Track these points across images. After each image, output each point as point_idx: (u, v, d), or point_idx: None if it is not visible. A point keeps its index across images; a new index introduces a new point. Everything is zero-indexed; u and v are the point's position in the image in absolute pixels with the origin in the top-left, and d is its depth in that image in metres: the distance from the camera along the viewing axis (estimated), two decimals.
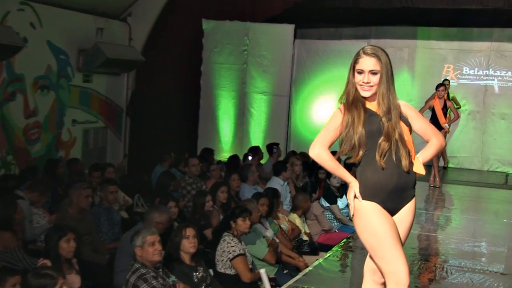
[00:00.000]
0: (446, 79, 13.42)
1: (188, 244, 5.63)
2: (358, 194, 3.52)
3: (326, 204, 9.20)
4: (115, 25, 12.08)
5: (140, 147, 12.45)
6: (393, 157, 3.47)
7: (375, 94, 3.53)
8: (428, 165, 11.61)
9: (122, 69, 12.14)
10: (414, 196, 3.64)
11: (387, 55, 3.53)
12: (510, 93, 13.65)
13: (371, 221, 3.49)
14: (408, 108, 3.65)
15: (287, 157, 11.18)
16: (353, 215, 3.58)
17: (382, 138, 3.46)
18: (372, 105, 3.56)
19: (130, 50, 12.00)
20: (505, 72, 13.65)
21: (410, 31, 14.10)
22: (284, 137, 13.50)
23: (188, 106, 13.30)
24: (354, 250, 6.86)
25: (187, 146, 12.78)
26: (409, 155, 3.52)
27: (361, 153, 3.49)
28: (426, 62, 14.08)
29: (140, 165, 11.66)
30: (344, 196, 9.28)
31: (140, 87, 12.77)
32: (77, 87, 11.26)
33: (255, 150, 11.47)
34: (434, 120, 10.90)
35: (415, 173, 3.57)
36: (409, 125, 3.58)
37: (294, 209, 8.58)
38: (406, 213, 3.60)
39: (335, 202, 9.27)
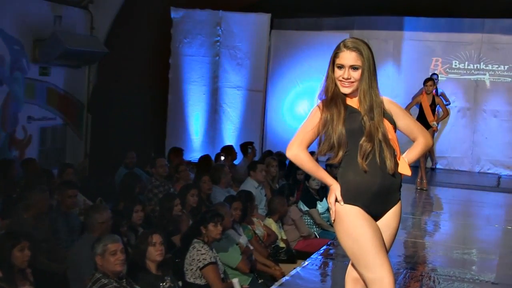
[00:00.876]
0: (434, 74, 13.52)
1: (155, 252, 5.60)
2: (339, 198, 3.54)
3: (305, 208, 9.22)
4: (75, 12, 11.97)
5: (102, 146, 12.36)
6: (377, 159, 3.49)
7: (356, 90, 3.56)
8: (414, 166, 11.74)
9: (83, 61, 12.04)
10: (399, 199, 3.67)
11: (369, 48, 3.56)
12: (502, 89, 13.78)
13: (353, 226, 3.52)
14: (392, 105, 3.68)
15: (263, 157, 11.19)
16: (334, 220, 3.60)
17: (363, 138, 3.49)
18: (353, 102, 3.59)
19: (92, 40, 11.90)
20: (497, 66, 13.78)
21: (396, 21, 14.18)
22: (259, 136, 13.50)
23: (156, 102, 13.24)
24: (335, 258, 6.88)
25: (154, 145, 12.72)
26: (394, 156, 3.56)
27: (341, 153, 3.52)
28: (413, 55, 14.18)
29: (102, 166, 11.57)
30: (324, 199, 9.31)
31: (102, 81, 12.67)
32: (33, 81, 11.14)
33: (228, 150, 11.45)
34: (422, 118, 10.98)
35: (401, 174, 3.60)
36: (393, 123, 3.61)
37: (270, 213, 8.58)
38: (391, 217, 3.63)
39: (315, 206, 9.30)
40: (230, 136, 13.39)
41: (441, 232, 8.75)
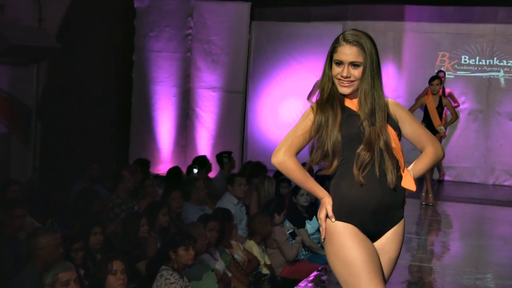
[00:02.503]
0: (440, 71, 13.58)
1: (115, 281, 5.57)
2: (330, 213, 3.54)
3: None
4: (21, 1, 11.91)
5: (54, 158, 12.28)
6: (376, 170, 3.50)
7: (356, 90, 3.58)
8: (419, 178, 11.74)
9: (30, 59, 11.97)
10: (402, 217, 3.68)
11: (373, 42, 3.59)
12: None
13: (345, 247, 3.51)
14: (399, 108, 3.71)
15: (243, 168, 11.17)
16: (324, 239, 3.60)
17: (361, 147, 3.51)
18: (352, 104, 3.61)
19: (41, 34, 11.84)
20: None
21: (396, 10, 14.26)
22: (239, 144, 13.50)
23: (117, 106, 13.19)
24: (327, 286, 6.86)
25: (115, 156, 12.66)
26: (397, 168, 3.57)
27: (335, 163, 3.53)
28: (416, 49, 14.25)
29: (54, 181, 11.48)
30: (314, 217, 9.28)
31: (54, 81, 12.59)
32: None
33: (201, 161, 11.42)
34: (427, 122, 11.04)
35: (404, 189, 3.62)
36: (398, 130, 3.64)
37: (251, 234, 8.55)
38: (391, 238, 3.63)
39: (303, 225, 9.28)
40: (204, 145, 13.38)
41: (451, 255, 8.77)
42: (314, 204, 9.52)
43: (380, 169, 3.50)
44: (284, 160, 3.56)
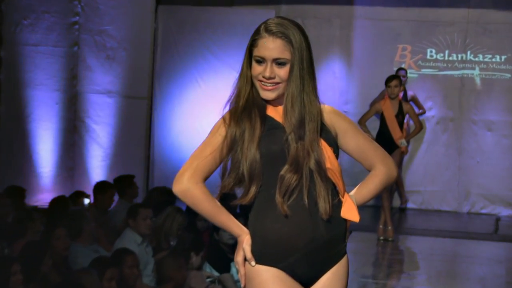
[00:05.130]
0: (401, 69, 13.76)
1: None
2: (249, 255, 3.55)
3: (215, 273, 9.25)
4: None
5: None
6: (305, 197, 3.50)
7: (282, 95, 3.58)
8: (375, 206, 11.89)
9: None
10: (344, 254, 3.68)
11: (303, 33, 3.59)
12: (498, 89, 14.14)
13: None
14: (338, 117, 3.72)
15: (149, 197, 11.17)
16: (244, 287, 3.62)
17: (286, 167, 3.50)
18: (276, 113, 3.63)
19: None
20: (490, 56, 14.13)
21: None
22: (143, 165, 13.47)
23: None
24: None
25: None
26: (333, 193, 3.58)
27: (253, 189, 3.53)
28: (370, 41, 14.40)
29: None
30: None
31: None
32: None
33: (95, 188, 11.39)
34: (385, 134, 11.17)
35: (345, 220, 3.63)
36: (334, 145, 3.64)
37: (160, 282, 8.58)
38: (330, 282, 3.63)
39: (228, 269, 9.33)
40: (97, 166, 13.31)
41: None
42: None
43: (310, 195, 3.50)
44: (188, 187, 3.56)
